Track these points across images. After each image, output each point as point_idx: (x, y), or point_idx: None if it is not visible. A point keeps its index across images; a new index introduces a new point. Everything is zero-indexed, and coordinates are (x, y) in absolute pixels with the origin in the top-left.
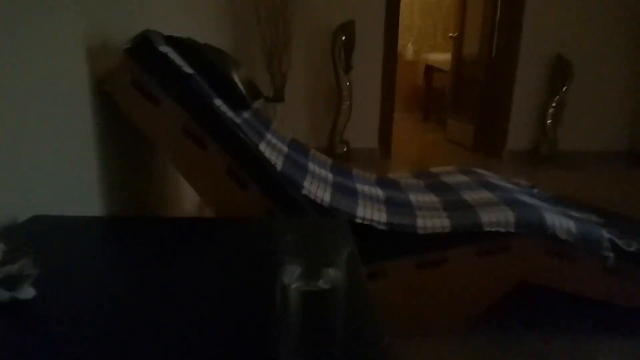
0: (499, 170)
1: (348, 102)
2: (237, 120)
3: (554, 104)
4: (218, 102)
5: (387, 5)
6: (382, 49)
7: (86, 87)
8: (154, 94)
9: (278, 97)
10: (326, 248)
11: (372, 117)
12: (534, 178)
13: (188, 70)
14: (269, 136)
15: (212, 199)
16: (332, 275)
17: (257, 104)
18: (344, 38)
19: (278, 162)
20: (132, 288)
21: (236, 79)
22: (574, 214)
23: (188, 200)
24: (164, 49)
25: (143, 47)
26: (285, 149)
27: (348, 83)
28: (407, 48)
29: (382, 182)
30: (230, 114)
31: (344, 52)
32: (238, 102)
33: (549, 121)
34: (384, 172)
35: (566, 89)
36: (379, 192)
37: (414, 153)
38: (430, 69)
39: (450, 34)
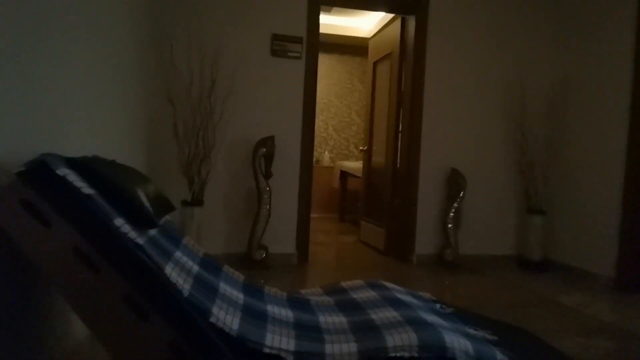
0: (408, 276)
1: (267, 207)
2: (141, 240)
3: (452, 211)
4: (119, 221)
5: (304, 123)
6: (300, 159)
7: None
8: (46, 216)
9: (196, 201)
10: None
11: (290, 222)
12: (439, 284)
13: (88, 190)
14: (178, 255)
15: (106, 333)
16: None
17: (168, 218)
18: (264, 150)
19: (185, 286)
20: None
21: (142, 196)
22: (471, 331)
23: (78, 336)
24: (63, 171)
25: (39, 170)
26: (195, 268)
27: (268, 188)
28: (324, 155)
29: (293, 301)
30: (132, 234)
31: (264, 162)
32: (143, 221)
33: (449, 226)
34: (301, 278)
35: (461, 197)
36: (289, 314)
37: (330, 257)
38: (344, 174)
39: (360, 148)
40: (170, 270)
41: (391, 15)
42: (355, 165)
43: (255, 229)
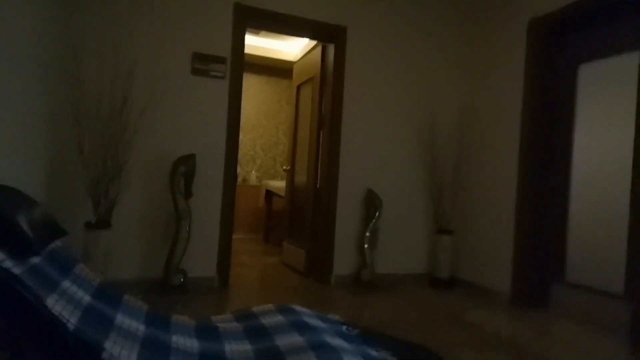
0: (325, 297)
1: (187, 228)
2: (17, 270)
3: (368, 232)
4: None
5: (227, 142)
6: (222, 179)
7: None
8: None
9: (103, 223)
10: None
11: (211, 244)
12: (354, 304)
13: None
14: (66, 284)
15: None
16: None
17: (58, 244)
18: (184, 168)
19: (72, 319)
20: None
21: (21, 221)
22: (373, 353)
23: None
24: None
25: None
26: (87, 298)
27: (188, 209)
28: (251, 174)
29: (200, 330)
30: (7, 263)
31: (184, 181)
32: (22, 248)
33: (365, 246)
34: (220, 302)
35: (377, 218)
36: (194, 345)
37: (251, 279)
38: (270, 194)
39: (284, 167)
40: (53, 302)
41: (315, 42)
42: (280, 184)
43: (173, 252)
